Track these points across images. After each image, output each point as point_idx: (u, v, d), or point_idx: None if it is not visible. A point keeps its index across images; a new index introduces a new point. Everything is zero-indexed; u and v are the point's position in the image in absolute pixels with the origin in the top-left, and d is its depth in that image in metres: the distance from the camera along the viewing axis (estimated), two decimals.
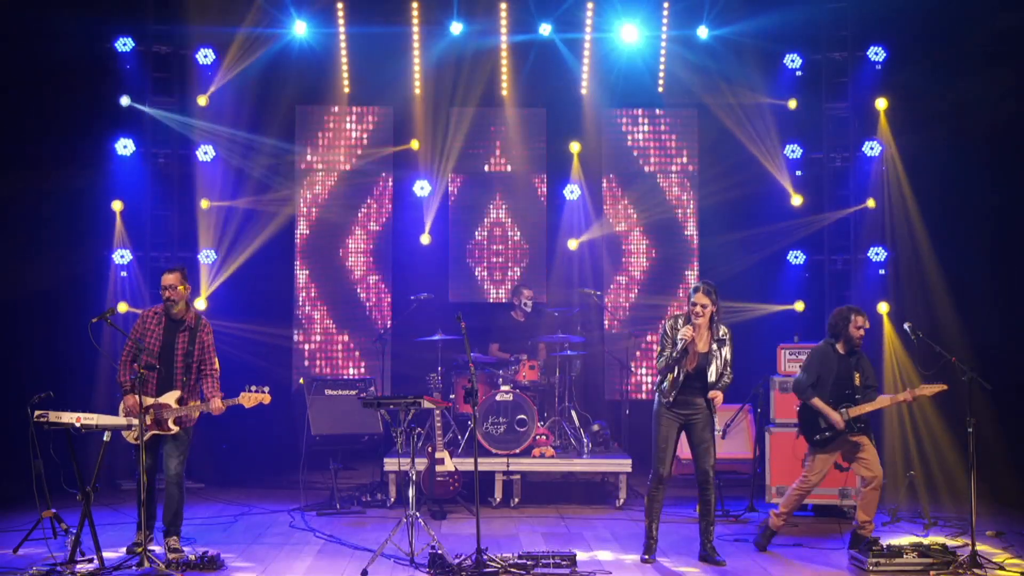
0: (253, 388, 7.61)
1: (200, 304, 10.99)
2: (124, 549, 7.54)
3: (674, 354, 7.41)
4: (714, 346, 7.47)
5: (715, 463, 7.56)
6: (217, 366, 7.69)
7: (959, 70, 10.46)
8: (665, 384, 7.52)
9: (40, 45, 10.23)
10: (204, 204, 11.16)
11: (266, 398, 7.62)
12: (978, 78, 10.42)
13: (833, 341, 7.90)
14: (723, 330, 7.55)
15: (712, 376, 7.45)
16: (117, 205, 10.91)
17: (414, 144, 11.73)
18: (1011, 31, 10.18)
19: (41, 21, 10.20)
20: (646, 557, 7.58)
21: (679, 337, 7.40)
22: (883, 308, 10.63)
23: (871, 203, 11.08)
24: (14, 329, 10.31)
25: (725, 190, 11.62)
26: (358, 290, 11.90)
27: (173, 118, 11.10)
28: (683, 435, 7.58)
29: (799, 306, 11.19)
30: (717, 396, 7.47)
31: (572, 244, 11.73)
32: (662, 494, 7.63)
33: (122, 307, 10.55)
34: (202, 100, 11.12)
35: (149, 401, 7.46)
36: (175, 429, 7.52)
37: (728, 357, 7.51)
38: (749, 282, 11.31)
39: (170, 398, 7.51)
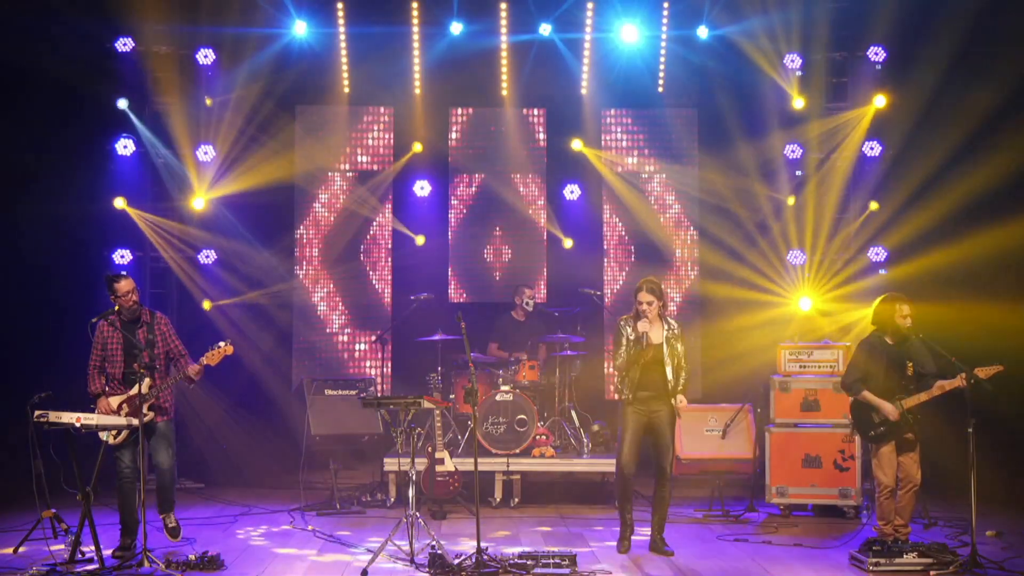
0: (214, 346, 7.74)
1: (205, 306, 11.13)
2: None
3: (632, 348, 7.63)
4: (667, 335, 7.68)
5: (673, 460, 7.80)
6: (184, 350, 7.89)
7: (959, 70, 10.45)
8: (625, 384, 7.72)
9: (40, 45, 10.23)
10: (199, 201, 11.15)
11: (229, 350, 7.75)
12: (977, 78, 10.41)
13: (880, 332, 7.72)
14: (674, 324, 7.78)
15: (670, 373, 7.64)
16: (119, 203, 10.91)
17: (417, 147, 11.73)
18: (1010, 30, 10.17)
19: (41, 21, 10.20)
20: (621, 546, 7.72)
21: (639, 331, 7.61)
22: None
23: (874, 206, 11.09)
24: (14, 329, 10.31)
25: (725, 190, 11.63)
26: (358, 290, 11.90)
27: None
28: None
29: (803, 306, 11.19)
30: (682, 403, 7.71)
31: (567, 243, 11.76)
32: (628, 484, 7.78)
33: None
34: (208, 101, 11.15)
35: (121, 398, 7.61)
36: (149, 415, 7.63)
37: (682, 351, 7.73)
38: (749, 282, 11.31)
39: (144, 385, 7.53)
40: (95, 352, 7.78)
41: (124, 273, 7.95)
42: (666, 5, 11.37)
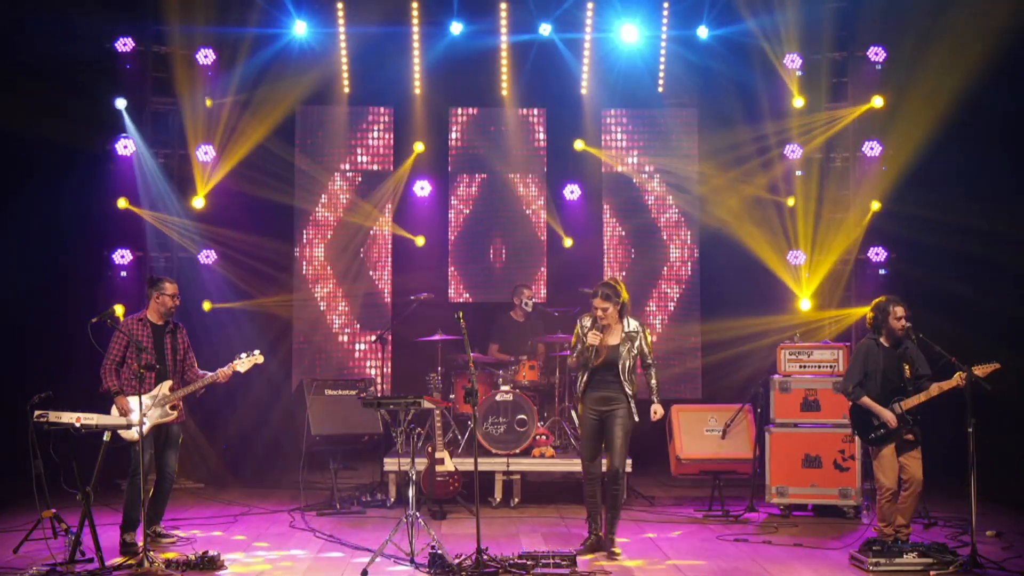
0: (243, 355, 8.07)
1: (205, 307, 11.13)
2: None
3: (584, 354, 7.62)
4: (624, 336, 7.65)
5: (623, 461, 7.73)
6: (194, 360, 8.19)
7: (958, 70, 10.44)
8: (577, 385, 7.74)
9: (40, 44, 10.24)
10: (199, 202, 11.14)
11: (259, 359, 8.11)
12: (977, 78, 10.41)
13: (876, 336, 7.72)
14: (633, 324, 7.74)
15: (624, 373, 7.62)
16: (122, 203, 10.90)
17: (419, 147, 11.73)
18: (1010, 30, 10.17)
19: (41, 21, 10.21)
20: (579, 548, 7.63)
21: (588, 344, 7.59)
22: None
23: (875, 206, 11.08)
24: (14, 328, 10.31)
25: (725, 190, 11.63)
26: (358, 290, 11.90)
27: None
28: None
29: (803, 306, 11.18)
30: (656, 413, 7.77)
31: (567, 243, 11.78)
32: (595, 488, 7.74)
33: (118, 309, 10.49)
34: (208, 102, 11.14)
35: (145, 397, 7.64)
36: (174, 414, 7.85)
37: (646, 348, 7.73)
38: (750, 281, 11.31)
39: (164, 387, 7.87)
40: (115, 349, 7.82)
41: (167, 276, 8.36)
42: (666, 5, 11.39)
